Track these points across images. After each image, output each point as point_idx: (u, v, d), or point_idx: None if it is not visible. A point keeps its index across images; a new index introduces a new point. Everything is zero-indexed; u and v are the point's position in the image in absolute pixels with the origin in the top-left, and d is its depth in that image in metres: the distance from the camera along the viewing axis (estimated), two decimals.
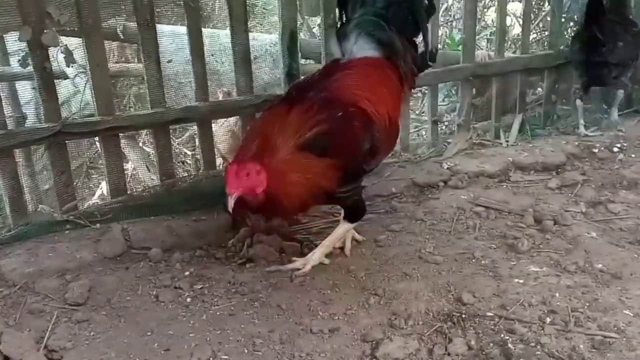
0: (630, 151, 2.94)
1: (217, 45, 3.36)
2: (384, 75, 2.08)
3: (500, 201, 2.50)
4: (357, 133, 1.93)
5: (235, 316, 1.82)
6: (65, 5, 2.27)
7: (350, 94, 1.97)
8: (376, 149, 2.00)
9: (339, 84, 1.99)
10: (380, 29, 2.09)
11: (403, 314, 1.78)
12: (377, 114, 1.98)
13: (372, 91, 2.00)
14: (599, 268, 2.01)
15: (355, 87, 2.00)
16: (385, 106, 2.01)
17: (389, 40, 2.09)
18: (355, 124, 1.93)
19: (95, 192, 3.77)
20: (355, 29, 2.10)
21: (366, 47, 2.10)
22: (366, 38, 2.10)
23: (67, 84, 3.33)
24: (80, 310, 1.87)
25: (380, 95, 2.02)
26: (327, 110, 1.89)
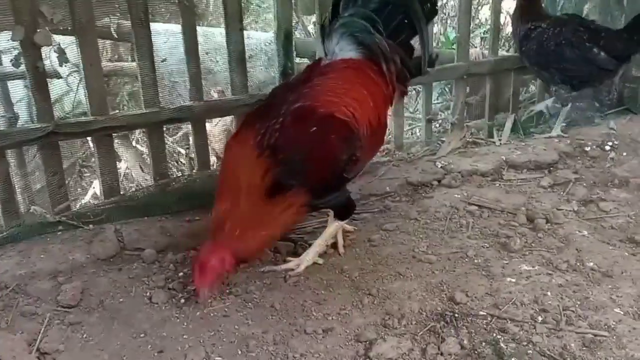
0: (622, 149, 2.96)
1: (212, 44, 3.35)
2: (365, 78, 2.01)
3: (493, 200, 2.52)
4: (334, 146, 1.87)
5: (229, 317, 1.83)
6: (59, 4, 2.26)
7: (328, 101, 1.89)
8: (357, 158, 1.94)
9: (316, 91, 1.92)
10: (364, 32, 2.01)
11: (396, 314, 1.79)
12: (356, 120, 1.91)
13: (351, 96, 1.94)
14: (590, 266, 2.03)
15: (333, 93, 1.93)
16: (365, 111, 1.94)
17: (372, 43, 2.02)
18: (332, 137, 1.86)
19: (88, 192, 3.76)
20: (340, 29, 2.05)
21: (348, 48, 2.05)
22: (349, 39, 2.04)
23: (60, 83, 3.30)
24: (73, 313, 1.86)
25: (360, 99, 1.95)
26: (300, 126, 1.82)
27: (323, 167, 1.86)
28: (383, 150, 3.14)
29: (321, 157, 1.85)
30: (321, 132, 1.85)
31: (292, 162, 1.79)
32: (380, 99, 2.04)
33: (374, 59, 2.04)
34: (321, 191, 1.88)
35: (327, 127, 1.85)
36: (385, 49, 2.03)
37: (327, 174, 1.87)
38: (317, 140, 1.84)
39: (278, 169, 1.78)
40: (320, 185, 1.86)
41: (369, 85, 2.01)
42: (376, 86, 2.03)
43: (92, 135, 2.44)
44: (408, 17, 2.07)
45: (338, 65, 2.03)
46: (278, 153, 1.79)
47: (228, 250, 1.78)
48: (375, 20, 2.02)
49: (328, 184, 1.90)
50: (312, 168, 1.82)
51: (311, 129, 1.84)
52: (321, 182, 1.86)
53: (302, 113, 1.86)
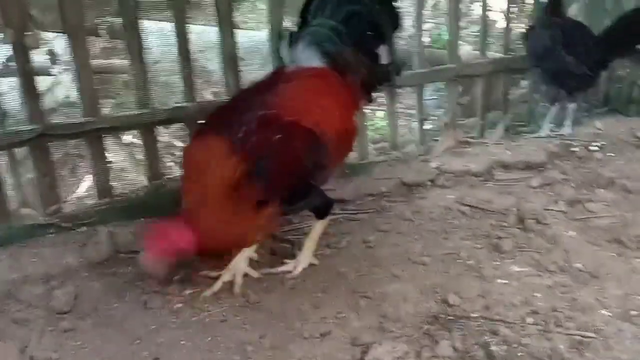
0: (608, 150, 3.03)
1: (206, 42, 3.32)
2: (329, 87, 2.03)
3: (485, 200, 2.57)
4: (299, 154, 1.87)
5: (226, 322, 1.84)
6: (49, 7, 2.24)
7: (291, 108, 1.90)
8: (323, 165, 1.95)
9: (281, 99, 1.92)
10: (330, 41, 2.04)
11: (392, 317, 1.84)
12: (321, 128, 1.91)
13: (316, 104, 1.95)
14: (577, 267, 2.09)
15: (298, 100, 1.93)
16: (330, 119, 1.95)
17: (337, 53, 2.04)
18: (296, 145, 1.87)
19: (78, 187, 3.72)
20: (306, 37, 2.06)
21: (313, 56, 2.06)
22: (314, 48, 2.06)
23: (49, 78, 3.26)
24: (66, 319, 1.85)
25: (325, 107, 1.96)
26: (264, 133, 1.83)
27: (288, 174, 1.86)
28: (377, 149, 3.19)
29: (286, 164, 1.85)
30: (286, 140, 1.84)
31: (257, 169, 1.79)
32: (346, 107, 2.06)
33: (339, 68, 2.06)
34: (289, 199, 1.89)
35: (291, 135, 1.86)
36: (350, 59, 2.06)
37: (293, 182, 1.88)
38: (282, 148, 1.84)
39: (245, 176, 1.78)
40: (287, 193, 1.87)
41: (334, 93, 2.03)
42: (341, 95, 2.05)
43: (85, 136, 2.43)
44: (374, 27, 2.10)
45: (303, 73, 2.04)
46: (244, 160, 1.79)
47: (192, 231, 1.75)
48: (341, 31, 2.04)
49: (295, 191, 1.90)
50: (278, 176, 1.83)
51: (276, 137, 1.84)
52: (288, 190, 1.87)
53: (267, 120, 1.86)
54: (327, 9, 2.07)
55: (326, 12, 2.07)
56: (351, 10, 2.07)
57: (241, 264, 2.06)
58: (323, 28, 2.04)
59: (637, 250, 2.20)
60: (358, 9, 2.07)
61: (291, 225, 2.40)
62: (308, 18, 2.09)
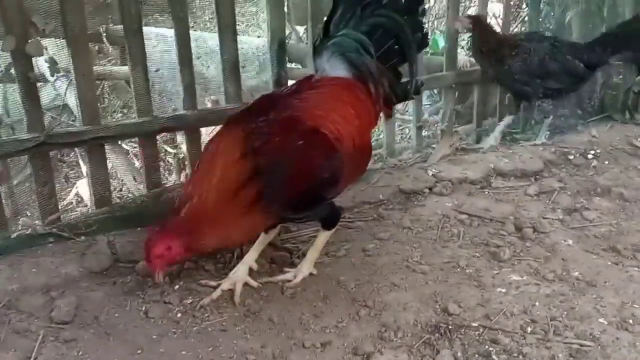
0: (604, 157, 3.07)
1: (204, 48, 3.34)
2: (352, 97, 2.03)
3: (483, 208, 2.59)
4: (316, 163, 1.87)
5: (227, 331, 1.85)
6: (51, 14, 2.24)
7: (315, 115, 1.90)
8: (337, 179, 1.93)
9: (305, 104, 1.93)
10: (355, 52, 2.04)
11: (392, 326, 1.85)
12: (341, 138, 1.91)
13: (338, 113, 1.95)
14: (575, 276, 2.12)
15: (321, 107, 1.94)
16: (350, 129, 1.95)
17: (362, 64, 2.05)
18: (315, 153, 1.86)
19: (71, 191, 3.73)
20: (331, 48, 2.07)
21: (338, 66, 2.06)
22: (340, 58, 2.06)
23: (48, 88, 3.26)
24: (67, 329, 1.85)
25: (347, 117, 1.97)
26: (286, 135, 1.83)
27: (301, 184, 1.85)
28: (375, 155, 3.20)
29: (301, 172, 1.85)
30: (305, 146, 1.84)
31: (271, 170, 1.79)
32: (366, 119, 2.05)
33: (363, 80, 2.06)
34: (295, 206, 1.89)
35: (311, 142, 1.86)
36: (374, 71, 2.06)
37: (304, 192, 1.87)
38: (301, 155, 1.84)
39: (256, 175, 1.78)
40: (296, 201, 1.87)
41: (356, 104, 2.02)
42: (363, 106, 2.05)
43: (85, 145, 2.43)
44: (398, 43, 2.10)
45: (328, 82, 2.05)
46: (259, 158, 1.79)
47: (176, 238, 1.77)
48: (367, 42, 2.05)
49: (303, 201, 1.89)
50: (290, 183, 1.82)
51: (297, 142, 1.84)
52: (297, 198, 1.86)
53: (290, 123, 1.87)
54: (351, 20, 2.07)
55: (351, 23, 2.07)
56: (375, 23, 2.07)
57: (241, 273, 2.06)
58: (348, 38, 2.05)
59: (633, 259, 2.23)
60: (382, 22, 2.07)
61: (290, 234, 2.40)
62: (331, 29, 2.09)
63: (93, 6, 2.45)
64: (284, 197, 1.83)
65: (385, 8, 2.07)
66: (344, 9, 2.07)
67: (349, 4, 2.07)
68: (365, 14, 2.07)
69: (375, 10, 2.07)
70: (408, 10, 2.11)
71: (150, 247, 1.78)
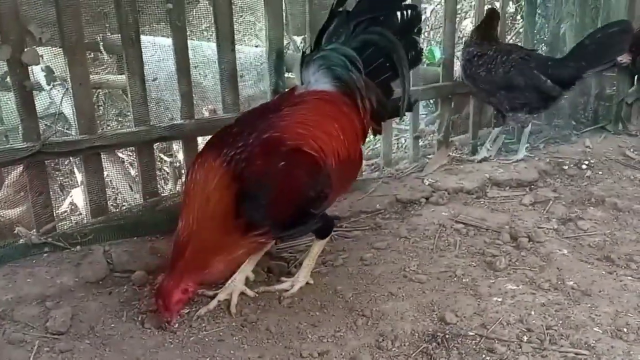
0: (598, 168, 3.10)
1: (201, 58, 3.36)
2: (337, 112, 2.01)
3: (479, 218, 2.61)
4: (301, 183, 1.86)
5: (224, 341, 1.84)
6: (47, 23, 2.25)
7: (297, 134, 1.88)
8: (325, 194, 1.93)
9: (286, 122, 1.91)
10: (342, 67, 2.02)
11: (390, 335, 1.85)
12: (325, 154, 1.90)
13: (321, 129, 1.93)
14: (570, 285, 2.13)
15: (302, 125, 1.91)
16: (335, 145, 1.94)
17: (348, 78, 2.03)
18: (299, 173, 1.85)
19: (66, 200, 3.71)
20: (318, 61, 2.06)
21: (323, 80, 2.05)
22: (326, 72, 2.04)
23: (43, 96, 3.26)
24: (63, 340, 1.83)
25: (331, 133, 1.95)
26: (268, 158, 1.82)
27: (288, 202, 1.85)
28: (372, 165, 3.22)
29: (287, 192, 1.84)
30: (289, 168, 1.83)
31: (257, 197, 1.80)
32: (352, 133, 2.04)
33: (348, 94, 2.05)
34: (286, 225, 1.90)
35: (295, 162, 1.85)
36: (361, 86, 2.05)
37: (291, 209, 1.87)
38: (284, 176, 1.83)
39: (243, 201, 1.79)
40: (286, 220, 1.87)
41: (340, 119, 2.01)
42: (348, 121, 2.03)
43: (81, 154, 2.43)
44: (390, 60, 2.09)
45: (311, 96, 2.04)
46: (242, 184, 1.79)
47: (189, 278, 1.82)
48: (354, 57, 2.04)
49: (293, 219, 1.90)
50: (277, 202, 1.82)
51: (278, 164, 1.82)
52: (286, 217, 1.87)
53: (271, 144, 1.85)
54: (342, 35, 2.07)
55: (342, 38, 2.07)
56: (367, 39, 2.07)
57: (237, 283, 2.06)
58: (337, 52, 2.04)
59: (627, 268, 2.25)
60: (375, 39, 2.07)
61: (287, 243, 2.41)
62: (323, 41, 2.08)
63: (90, 15, 2.46)
64: (273, 218, 1.83)
65: (380, 26, 2.07)
66: (338, 23, 2.08)
67: (344, 18, 2.07)
68: (358, 29, 2.07)
69: (369, 27, 2.07)
70: (403, 29, 2.11)
71: (168, 295, 1.81)
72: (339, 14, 2.08)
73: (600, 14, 3.43)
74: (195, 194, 1.82)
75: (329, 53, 2.05)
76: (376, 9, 2.07)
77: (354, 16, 2.08)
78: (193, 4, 2.70)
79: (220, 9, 2.52)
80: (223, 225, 1.80)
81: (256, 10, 2.94)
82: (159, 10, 2.46)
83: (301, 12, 2.75)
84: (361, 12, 2.08)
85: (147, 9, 2.44)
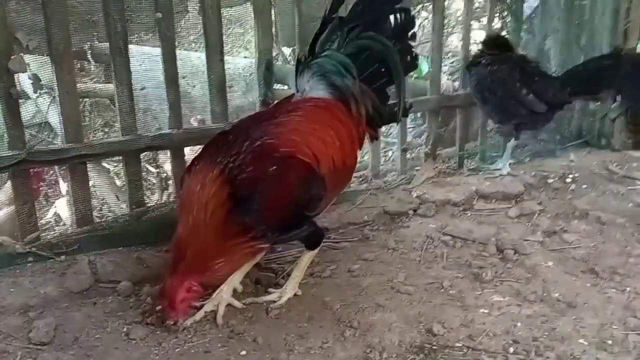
0: (582, 182, 3.15)
1: (189, 68, 3.36)
2: (332, 119, 2.02)
3: (466, 230, 2.63)
4: (293, 186, 1.87)
5: (211, 353, 1.82)
6: (35, 30, 2.24)
7: (290, 141, 1.90)
8: (319, 197, 1.94)
9: (280, 129, 1.92)
10: (336, 73, 2.04)
11: (378, 347, 1.85)
12: (318, 161, 1.92)
13: (315, 136, 1.94)
14: (555, 297, 2.15)
15: (297, 132, 1.93)
16: (330, 152, 1.95)
17: (343, 85, 2.05)
18: (291, 177, 1.86)
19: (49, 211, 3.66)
20: (313, 68, 2.07)
21: (319, 87, 2.06)
22: (321, 79, 2.06)
23: (29, 104, 3.23)
24: (46, 350, 1.80)
25: (325, 140, 1.96)
26: (261, 164, 1.83)
27: (281, 206, 1.86)
28: (360, 177, 3.24)
29: (279, 196, 1.85)
30: (280, 171, 1.84)
31: (251, 201, 1.80)
32: (348, 140, 2.05)
33: (344, 101, 2.06)
34: (281, 229, 1.90)
35: (287, 167, 1.86)
36: (356, 92, 2.06)
37: (286, 213, 1.88)
38: (276, 179, 1.84)
39: (238, 206, 1.80)
40: (280, 223, 1.88)
41: (336, 126, 2.02)
42: (344, 127, 2.05)
43: (66, 163, 2.40)
44: (385, 65, 2.11)
45: (306, 103, 2.05)
46: (236, 189, 1.80)
47: (192, 279, 1.81)
48: (349, 64, 2.05)
49: (288, 223, 1.91)
50: (270, 207, 1.83)
51: (271, 168, 1.84)
52: (280, 221, 1.87)
53: (264, 151, 1.86)
54: (336, 41, 2.08)
55: (335, 45, 2.07)
56: (362, 45, 2.08)
57: (225, 294, 2.04)
58: (331, 59, 2.05)
59: (611, 281, 2.27)
60: (369, 44, 2.08)
61: (275, 254, 2.40)
62: (317, 48, 2.09)
63: (78, 23, 2.45)
64: (268, 222, 1.84)
65: (373, 31, 2.08)
66: (331, 30, 2.09)
67: (337, 25, 2.09)
68: (351, 36, 2.08)
69: (363, 32, 2.08)
70: (398, 34, 2.13)
71: (174, 294, 1.80)
72: (332, 20, 2.08)
73: (584, 32, 3.51)
74: (192, 200, 1.82)
75: (323, 60, 2.07)
76: (369, 13, 2.09)
77: (347, 22, 2.09)
78: (182, 14, 2.70)
79: (210, 19, 2.53)
80: (220, 230, 1.79)
81: (245, 22, 2.95)
82: (148, 19, 2.46)
83: (290, 24, 2.77)
84: (354, 17, 2.09)
85: (136, 18, 2.43)
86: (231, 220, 1.80)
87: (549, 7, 3.44)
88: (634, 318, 2.00)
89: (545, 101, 2.99)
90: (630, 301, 2.10)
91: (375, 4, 2.11)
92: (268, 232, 1.85)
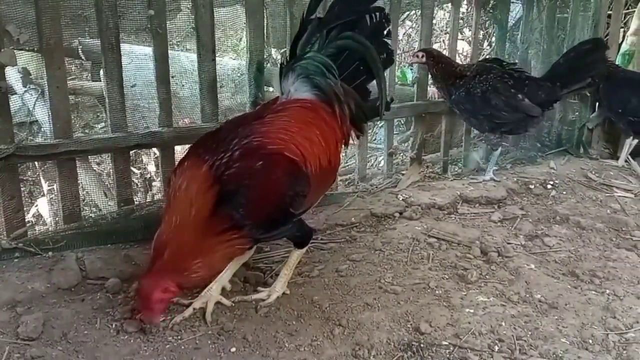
0: (562, 188, 3.24)
1: (178, 68, 3.35)
2: (317, 119, 2.06)
3: (451, 233, 2.68)
4: (280, 183, 1.89)
5: (200, 349, 1.82)
6: (26, 23, 2.21)
7: (278, 139, 1.93)
8: (303, 194, 1.96)
9: (267, 129, 1.96)
10: (319, 74, 2.08)
11: (366, 345, 1.87)
12: (305, 159, 1.95)
13: (302, 135, 1.98)
14: (538, 298, 2.21)
15: (284, 131, 1.96)
16: (315, 151, 1.99)
17: (327, 86, 2.08)
18: (278, 173, 1.89)
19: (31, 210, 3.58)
20: (296, 70, 2.09)
21: (303, 89, 2.10)
22: (304, 80, 2.09)
23: (15, 100, 3.17)
24: (34, 346, 1.78)
25: (311, 139, 2.00)
26: (248, 161, 1.85)
27: (268, 202, 1.88)
28: (347, 180, 3.27)
29: (266, 192, 1.87)
30: (267, 168, 1.87)
31: (237, 196, 1.82)
32: (332, 139, 2.09)
33: (328, 101, 2.11)
34: (266, 226, 1.92)
35: (273, 162, 1.88)
36: (339, 92, 2.11)
37: (271, 210, 1.90)
38: (263, 176, 1.87)
39: (223, 202, 1.81)
40: (265, 220, 1.89)
41: (321, 126, 2.07)
42: (328, 127, 2.09)
43: (55, 159, 2.37)
44: (365, 63, 2.16)
45: (292, 104, 2.09)
46: (223, 186, 1.81)
47: (169, 278, 1.80)
48: (330, 65, 2.09)
49: (273, 219, 1.93)
50: (257, 203, 1.85)
51: (257, 165, 1.86)
52: (266, 217, 1.89)
53: (251, 148, 1.89)
54: (317, 43, 2.12)
55: (316, 46, 2.12)
56: (341, 45, 2.12)
57: (214, 292, 2.04)
58: (313, 61, 2.09)
59: (590, 283, 2.35)
60: (348, 44, 2.12)
61: (263, 254, 2.41)
62: (297, 51, 2.13)
63: (69, 18, 2.43)
64: (254, 218, 1.85)
65: (351, 30, 2.13)
66: (310, 31, 2.12)
67: (316, 26, 2.12)
68: (331, 36, 2.13)
69: (341, 32, 2.13)
70: (374, 32, 2.18)
71: (149, 294, 1.78)
72: (310, 22, 2.12)
73: (566, 43, 3.62)
74: (179, 197, 1.82)
75: (306, 62, 2.10)
76: (346, 14, 2.13)
77: (325, 23, 2.13)
78: (174, 12, 2.70)
79: (202, 18, 2.53)
80: (204, 227, 1.79)
81: (235, 23, 2.97)
82: (140, 17, 2.45)
83: (282, 26, 2.79)
84: (332, 18, 2.14)
85: (128, 15, 2.42)
86: (216, 216, 1.80)
87: (531, 19, 3.55)
88: (613, 319, 2.07)
89: (537, 103, 3.06)
90: (609, 303, 2.18)
91: (351, 4, 2.16)
92: (253, 228, 1.85)
